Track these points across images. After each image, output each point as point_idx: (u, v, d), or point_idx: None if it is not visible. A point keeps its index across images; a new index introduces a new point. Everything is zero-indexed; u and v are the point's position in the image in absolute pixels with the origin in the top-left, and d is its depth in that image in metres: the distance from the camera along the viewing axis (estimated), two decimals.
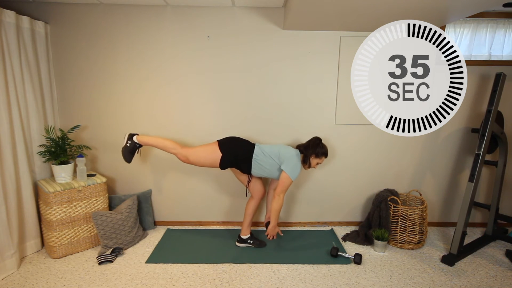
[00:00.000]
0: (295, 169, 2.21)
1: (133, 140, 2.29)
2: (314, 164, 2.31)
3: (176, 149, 2.24)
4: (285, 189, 2.23)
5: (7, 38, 2.16)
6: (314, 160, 2.30)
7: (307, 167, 2.33)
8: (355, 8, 2.00)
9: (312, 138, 2.35)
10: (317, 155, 2.28)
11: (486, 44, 2.71)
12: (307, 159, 2.29)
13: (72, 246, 2.37)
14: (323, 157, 2.31)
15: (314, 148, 2.28)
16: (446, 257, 2.33)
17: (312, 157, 2.29)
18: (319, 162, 2.31)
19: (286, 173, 2.19)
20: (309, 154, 2.29)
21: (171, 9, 2.54)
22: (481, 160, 2.29)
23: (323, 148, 2.30)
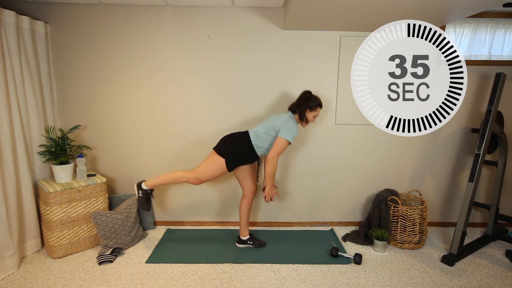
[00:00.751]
0: (291, 131, 2.15)
1: (143, 188, 2.29)
2: (311, 118, 2.24)
3: (186, 177, 2.24)
4: (280, 152, 2.17)
5: (7, 38, 2.16)
6: (310, 114, 2.23)
7: (305, 124, 2.26)
8: (355, 8, 2.00)
9: (302, 93, 2.27)
10: (312, 108, 2.21)
11: (486, 44, 2.71)
12: (303, 116, 2.22)
13: (72, 246, 2.37)
14: (318, 108, 2.24)
15: (307, 103, 2.21)
16: (446, 257, 2.33)
17: (307, 112, 2.22)
18: (316, 115, 2.25)
19: (281, 138, 2.14)
20: (303, 110, 2.21)
21: (171, 9, 2.54)
22: (481, 160, 2.29)
23: (316, 100, 2.23)
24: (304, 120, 2.24)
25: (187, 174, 2.24)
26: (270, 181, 2.23)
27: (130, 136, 2.73)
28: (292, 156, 2.80)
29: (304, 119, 2.23)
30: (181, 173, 2.25)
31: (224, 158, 2.19)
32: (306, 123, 2.27)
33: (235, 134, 2.30)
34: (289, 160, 2.80)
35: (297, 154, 2.80)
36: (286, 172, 2.83)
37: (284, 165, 2.81)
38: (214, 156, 2.23)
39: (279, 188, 2.45)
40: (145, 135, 2.73)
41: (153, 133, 2.73)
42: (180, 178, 2.25)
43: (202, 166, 2.24)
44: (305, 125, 2.28)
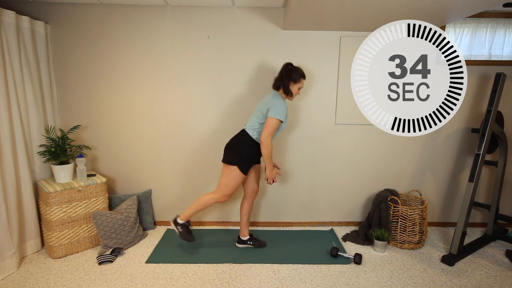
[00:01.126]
0: (278, 109, 2.08)
1: (179, 223, 2.32)
2: (296, 90, 2.19)
3: (214, 198, 2.24)
4: (272, 132, 2.09)
5: (7, 38, 2.16)
6: (295, 86, 2.18)
7: (291, 97, 2.22)
8: (355, 8, 2.00)
9: (283, 66, 2.20)
10: (295, 80, 2.16)
11: (486, 44, 2.71)
12: (287, 89, 2.17)
13: (72, 246, 2.37)
14: (301, 79, 2.18)
15: (289, 75, 2.15)
16: (446, 257, 2.33)
17: (291, 85, 2.17)
18: (300, 86, 2.20)
19: (270, 117, 2.07)
20: (286, 83, 2.16)
21: (171, 9, 2.54)
22: (481, 160, 2.29)
23: (298, 71, 2.17)
24: (289, 94, 2.19)
25: (214, 195, 2.24)
26: (269, 162, 2.16)
27: (130, 136, 2.73)
28: (292, 155, 2.80)
29: (289, 92, 2.18)
30: (208, 196, 2.25)
31: (236, 165, 2.17)
32: (292, 96, 2.22)
33: (234, 138, 2.27)
34: (289, 160, 2.80)
35: (297, 153, 2.80)
36: (286, 172, 2.83)
37: (284, 165, 2.81)
38: (226, 168, 2.20)
39: (281, 169, 2.41)
40: (145, 135, 2.73)
41: (153, 133, 2.73)
42: (209, 201, 2.25)
43: (222, 183, 2.23)
44: (291, 98, 2.23)
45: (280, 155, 2.79)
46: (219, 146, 2.73)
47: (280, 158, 2.79)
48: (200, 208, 2.27)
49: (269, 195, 2.87)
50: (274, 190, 2.86)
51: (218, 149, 2.74)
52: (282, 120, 2.10)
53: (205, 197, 2.26)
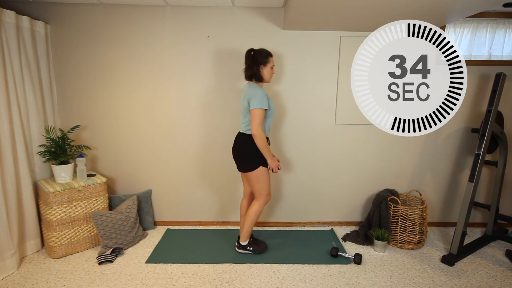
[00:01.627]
0: (257, 97, 2.02)
1: (244, 244, 2.36)
2: (269, 71, 2.14)
3: (261, 204, 2.24)
4: (259, 122, 2.03)
5: (7, 38, 2.16)
6: (266, 69, 2.12)
7: (268, 79, 2.16)
8: (355, 8, 2.00)
9: (245, 55, 2.15)
10: (264, 62, 2.11)
11: (486, 44, 2.71)
12: (259, 75, 2.12)
13: (72, 246, 2.37)
14: (270, 58, 2.12)
15: (256, 61, 2.11)
16: (446, 257, 2.33)
17: (262, 68, 2.12)
18: (272, 65, 2.14)
19: (253, 108, 2.02)
20: (256, 69, 2.11)
21: (171, 9, 2.54)
22: (481, 160, 2.29)
23: (261, 52, 2.11)
24: (261, 79, 2.15)
25: (259, 202, 2.24)
26: (267, 153, 2.11)
27: (130, 136, 2.73)
28: (292, 155, 2.80)
29: (261, 77, 2.14)
30: (255, 207, 2.25)
31: (260, 165, 2.14)
32: (267, 80, 2.17)
33: (239, 146, 2.20)
34: (289, 159, 2.80)
35: (297, 153, 2.80)
36: (286, 171, 2.83)
37: (284, 165, 2.81)
38: (252, 174, 2.16)
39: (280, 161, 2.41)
40: (145, 135, 2.73)
41: (153, 133, 2.73)
42: (258, 210, 2.25)
43: (256, 189, 2.21)
44: (268, 80, 2.18)
45: (280, 155, 2.79)
46: (219, 146, 2.74)
47: (280, 158, 2.79)
48: (255, 220, 2.28)
49: None
50: (274, 190, 2.86)
51: (218, 149, 2.75)
52: (265, 108, 2.05)
53: (253, 209, 2.25)
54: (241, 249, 2.41)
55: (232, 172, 2.78)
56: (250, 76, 2.16)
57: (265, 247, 2.43)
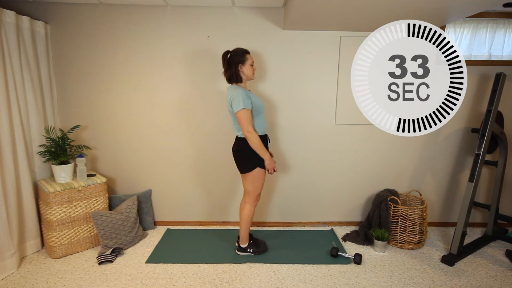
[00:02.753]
0: (237, 98, 1.99)
1: (244, 247, 2.35)
2: (249, 68, 2.10)
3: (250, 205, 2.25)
4: (247, 122, 2.00)
5: (7, 38, 2.16)
6: (244, 67, 2.09)
7: (250, 76, 2.12)
8: (355, 8, 2.00)
9: (222, 58, 2.14)
10: (242, 61, 2.08)
11: (486, 44, 2.71)
12: (240, 75, 2.09)
13: (72, 246, 2.37)
14: (246, 55, 2.09)
15: (232, 60, 2.08)
16: (446, 257, 2.33)
17: (241, 67, 2.08)
18: (250, 63, 2.10)
19: (236, 110, 2.00)
20: (235, 69, 2.08)
21: (171, 9, 2.54)
22: (481, 160, 2.29)
23: (237, 52, 2.08)
24: (242, 78, 2.11)
25: (250, 204, 2.25)
26: (263, 153, 2.08)
27: (130, 136, 2.73)
28: (292, 155, 2.80)
29: (240, 77, 2.10)
30: (247, 209, 2.25)
31: (257, 167, 2.14)
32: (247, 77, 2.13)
33: (237, 148, 2.19)
34: (289, 159, 2.80)
35: (297, 154, 2.80)
36: (286, 171, 2.83)
37: (284, 165, 2.81)
38: (249, 175, 2.17)
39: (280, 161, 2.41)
40: (145, 134, 2.73)
41: (153, 133, 2.73)
42: (250, 213, 2.26)
43: (250, 189, 2.22)
44: (251, 76, 2.14)
45: (280, 155, 2.79)
46: (219, 145, 2.74)
47: (280, 158, 2.79)
48: (249, 222, 2.29)
49: (269, 195, 2.87)
50: (274, 190, 2.86)
51: (218, 149, 2.75)
52: (248, 108, 2.00)
53: (245, 212, 2.26)
54: (241, 252, 2.39)
55: (232, 172, 2.78)
56: (229, 79, 2.14)
57: (265, 248, 2.43)
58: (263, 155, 2.09)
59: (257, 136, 2.05)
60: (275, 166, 2.17)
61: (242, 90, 2.04)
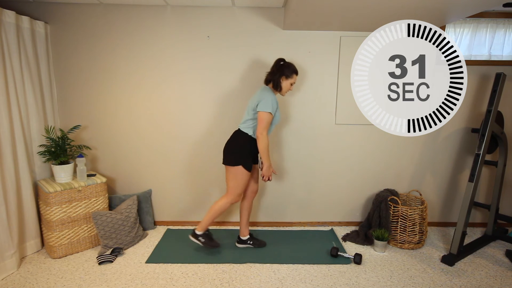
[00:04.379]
0: (268, 102, 2.07)
1: (199, 234, 2.31)
2: (288, 86, 2.18)
3: (226, 202, 2.24)
4: (266, 126, 2.09)
5: (7, 38, 2.16)
6: (286, 82, 2.17)
7: (283, 92, 2.20)
8: (355, 8, 2.00)
9: (275, 61, 2.21)
10: (287, 75, 2.16)
11: (486, 44, 2.71)
12: (278, 84, 2.16)
13: (72, 246, 2.37)
14: (294, 75, 2.18)
15: (281, 70, 2.15)
16: (446, 257, 2.33)
17: (283, 79, 2.16)
18: (292, 82, 2.19)
19: (261, 111, 2.07)
20: (277, 77, 2.15)
21: (171, 9, 2.54)
22: (481, 160, 2.29)
23: (290, 66, 2.17)
24: (279, 88, 2.17)
25: (227, 199, 2.25)
26: (266, 158, 2.14)
27: (130, 136, 2.73)
28: (292, 155, 2.80)
29: (279, 87, 2.17)
30: (222, 202, 2.25)
31: (241, 165, 2.16)
32: (282, 91, 2.20)
33: (231, 140, 2.25)
34: (289, 160, 2.80)
35: (297, 153, 2.80)
36: (286, 172, 2.83)
37: (284, 165, 2.81)
38: (231, 169, 2.19)
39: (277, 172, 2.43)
40: (145, 134, 2.73)
41: (152, 133, 2.73)
42: (224, 206, 2.25)
43: (230, 185, 2.23)
44: (283, 93, 2.21)
45: (280, 155, 2.79)
46: (219, 145, 2.74)
47: (280, 158, 2.79)
48: (217, 214, 2.27)
49: (269, 195, 2.87)
50: (274, 190, 2.86)
51: (218, 148, 2.75)
52: (271, 113, 2.08)
53: (219, 203, 2.26)
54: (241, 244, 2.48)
55: None
56: (269, 80, 2.21)
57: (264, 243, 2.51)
58: (266, 159, 2.14)
59: (268, 140, 2.13)
60: (271, 175, 2.22)
61: (274, 96, 2.14)
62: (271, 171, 2.21)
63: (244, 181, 2.21)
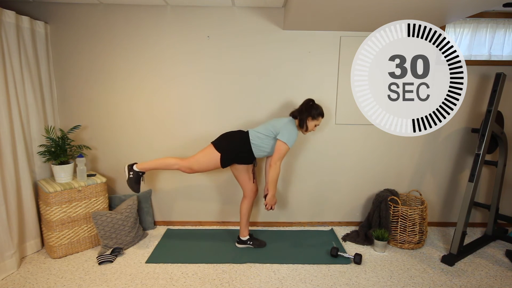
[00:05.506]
0: (290, 135, 2.16)
1: (134, 169, 2.28)
2: (312, 126, 2.25)
3: (178, 164, 2.25)
4: (282, 157, 2.18)
5: (7, 38, 2.16)
6: (311, 123, 2.24)
7: (305, 131, 2.27)
8: (355, 8, 2.00)
9: (304, 100, 2.29)
10: (313, 116, 2.22)
11: (486, 44, 2.71)
12: (304, 123, 2.23)
13: (72, 246, 2.37)
14: (320, 118, 2.25)
15: (309, 111, 2.22)
16: (446, 257, 2.33)
17: (309, 120, 2.23)
18: (317, 123, 2.26)
19: (281, 141, 2.15)
20: (304, 117, 2.22)
21: (171, 9, 2.54)
22: (481, 160, 2.29)
23: (318, 108, 2.24)
24: (304, 128, 2.25)
25: (180, 162, 2.25)
26: (273, 187, 2.24)
27: (130, 136, 2.73)
28: (292, 156, 2.80)
29: (304, 126, 2.24)
30: (174, 160, 2.26)
31: (220, 153, 2.20)
32: (306, 131, 2.28)
33: (235, 132, 2.31)
34: (289, 160, 2.80)
35: (297, 154, 2.79)
36: (286, 172, 2.83)
37: (284, 165, 2.80)
38: (211, 149, 2.23)
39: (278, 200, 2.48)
40: (145, 134, 2.73)
41: (153, 133, 2.73)
42: (172, 165, 2.25)
43: (196, 157, 2.25)
44: (305, 132, 2.29)
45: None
46: None
47: None
48: (161, 167, 2.28)
49: None
50: None
51: None
52: (289, 147, 2.17)
53: (171, 160, 2.26)
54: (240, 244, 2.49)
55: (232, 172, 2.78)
56: (295, 116, 2.29)
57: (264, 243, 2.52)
58: (273, 188, 2.23)
59: (279, 171, 2.23)
60: (274, 205, 2.29)
61: (297, 132, 2.23)
62: (274, 201, 2.28)
63: (208, 164, 2.23)
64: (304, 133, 2.30)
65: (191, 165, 2.23)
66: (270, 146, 2.24)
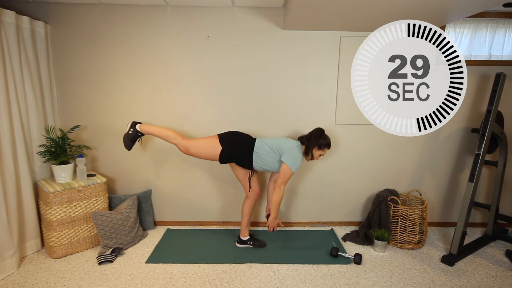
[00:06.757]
0: (296, 161, 2.19)
1: (136, 128, 2.28)
2: (317, 156, 2.27)
3: (177, 139, 2.25)
4: (286, 181, 2.22)
5: (7, 38, 2.16)
6: (317, 152, 2.26)
7: (309, 159, 2.28)
8: (355, 8, 2.01)
9: (315, 129, 2.32)
10: (320, 146, 2.25)
11: (486, 44, 2.71)
12: (309, 151, 2.25)
13: (72, 246, 2.37)
14: (326, 149, 2.28)
15: (317, 140, 2.24)
16: (446, 257, 2.33)
17: (315, 149, 2.25)
18: (322, 153, 2.28)
19: (286, 165, 2.17)
20: (311, 145, 2.25)
21: (171, 9, 2.54)
22: (481, 160, 2.29)
23: (326, 139, 2.27)
24: (309, 156, 2.27)
25: (180, 139, 2.25)
26: (275, 209, 2.25)
27: None
28: None
29: (310, 154, 2.26)
30: (175, 135, 2.26)
31: (222, 148, 2.20)
32: (310, 159, 2.29)
33: (244, 135, 2.32)
34: None
35: None
36: None
37: None
38: (215, 140, 2.24)
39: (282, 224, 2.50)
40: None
41: None
42: (171, 138, 2.26)
43: (198, 141, 2.26)
44: (309, 159, 2.30)
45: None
46: None
47: None
48: (162, 136, 2.28)
49: None
50: None
51: None
52: (293, 171, 2.20)
53: (172, 133, 2.26)
54: (241, 244, 2.49)
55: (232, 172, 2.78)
56: (303, 142, 2.31)
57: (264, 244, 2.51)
58: (275, 211, 2.27)
59: (283, 194, 2.26)
60: (276, 226, 2.32)
61: (302, 158, 2.25)
62: (277, 222, 2.31)
63: (206, 153, 2.23)
64: (307, 160, 2.31)
65: (189, 146, 2.23)
66: (272, 162, 2.24)
